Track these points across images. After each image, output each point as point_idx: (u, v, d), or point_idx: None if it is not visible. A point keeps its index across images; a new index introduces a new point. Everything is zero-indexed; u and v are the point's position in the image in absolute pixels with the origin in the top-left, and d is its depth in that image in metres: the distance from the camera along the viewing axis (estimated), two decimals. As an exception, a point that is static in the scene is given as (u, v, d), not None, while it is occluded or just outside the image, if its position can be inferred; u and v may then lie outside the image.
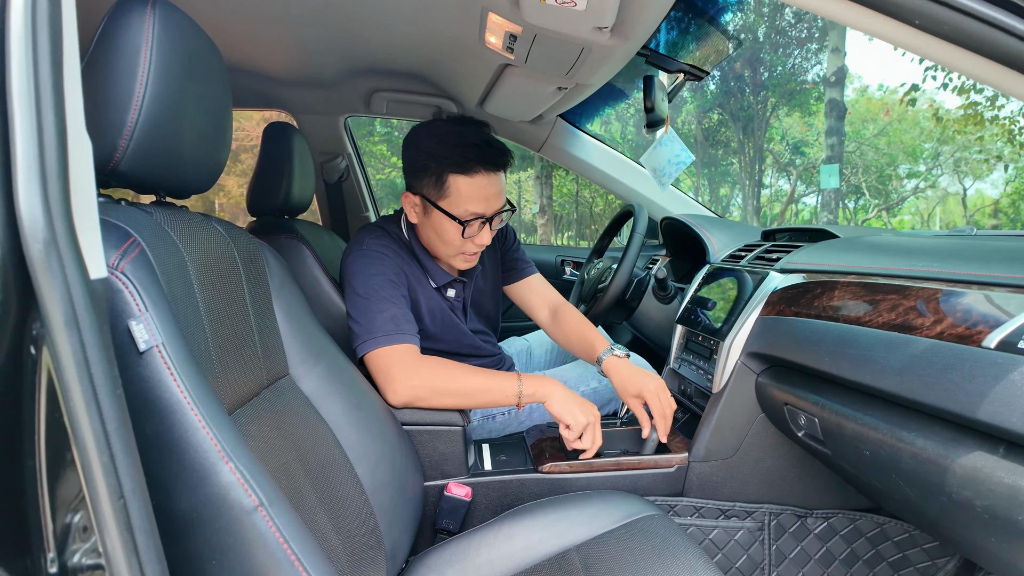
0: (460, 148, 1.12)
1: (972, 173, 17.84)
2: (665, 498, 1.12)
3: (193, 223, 0.76)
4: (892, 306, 0.81)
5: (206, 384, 0.57)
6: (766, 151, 15.83)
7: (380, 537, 0.92)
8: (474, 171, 1.13)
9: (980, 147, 14.80)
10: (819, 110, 13.93)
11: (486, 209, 1.16)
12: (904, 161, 17.34)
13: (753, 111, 14.16)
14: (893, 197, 17.59)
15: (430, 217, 1.19)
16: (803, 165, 16.99)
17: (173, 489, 0.53)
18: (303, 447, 0.85)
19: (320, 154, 1.99)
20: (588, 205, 16.12)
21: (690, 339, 1.29)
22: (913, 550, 1.11)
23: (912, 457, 0.73)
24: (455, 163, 1.12)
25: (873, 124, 17.40)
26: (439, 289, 1.30)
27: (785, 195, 18.04)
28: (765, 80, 13.93)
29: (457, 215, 1.15)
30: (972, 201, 18.91)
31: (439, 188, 1.14)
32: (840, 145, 9.85)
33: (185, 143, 0.72)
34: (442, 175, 1.13)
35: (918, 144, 17.00)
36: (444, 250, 1.22)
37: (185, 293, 0.66)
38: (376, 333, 1.11)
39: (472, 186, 1.13)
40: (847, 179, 16.42)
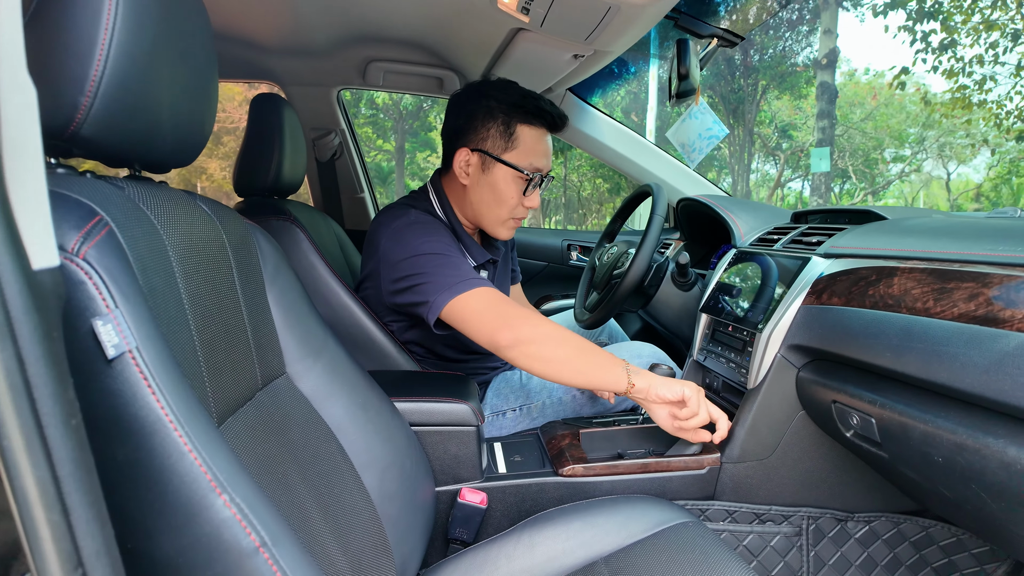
0: (529, 99, 1.12)
1: (956, 157, 17.97)
2: (696, 502, 1.04)
3: (174, 200, 0.65)
4: (970, 295, 0.72)
5: (192, 395, 0.47)
6: (755, 135, 15.77)
7: (390, 552, 0.82)
8: (538, 124, 1.13)
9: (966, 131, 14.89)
10: (809, 93, 13.88)
11: (544, 166, 1.15)
12: (890, 145, 17.41)
13: (744, 94, 14.07)
14: (879, 181, 17.67)
15: (489, 174, 1.14)
16: (791, 149, 16.98)
17: (154, 530, 0.43)
18: (304, 456, 0.75)
19: (311, 130, 1.86)
20: (576, 189, 16.00)
21: (717, 329, 1.20)
22: (960, 555, 1.04)
23: (1002, 467, 0.64)
24: (527, 112, 1.11)
25: (860, 108, 17.40)
26: (475, 269, 1.23)
27: (771, 180, 18.05)
28: (756, 63, 13.83)
29: (523, 165, 1.13)
30: (955, 185, 19.07)
31: (507, 138, 1.12)
32: (831, 128, 9.82)
33: (163, 106, 0.60)
34: (511, 124, 1.11)
35: (904, 129, 17.06)
36: (496, 213, 1.17)
37: (165, 283, 0.55)
38: (466, 276, 1.01)
39: (536, 139, 1.13)
40: (834, 163, 16.44)
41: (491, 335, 0.96)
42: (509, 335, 0.94)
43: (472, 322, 0.98)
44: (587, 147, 1.78)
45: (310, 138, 1.87)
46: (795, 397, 1.00)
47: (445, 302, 0.99)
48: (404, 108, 14.65)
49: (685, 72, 1.08)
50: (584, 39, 1.13)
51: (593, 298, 1.52)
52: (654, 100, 9.03)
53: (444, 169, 1.23)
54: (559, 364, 0.95)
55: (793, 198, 18.79)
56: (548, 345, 0.94)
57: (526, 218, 1.23)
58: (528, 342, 0.94)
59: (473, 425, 1.02)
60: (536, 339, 0.94)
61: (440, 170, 1.24)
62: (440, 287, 1.00)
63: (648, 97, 9.39)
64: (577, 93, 1.72)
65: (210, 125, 0.73)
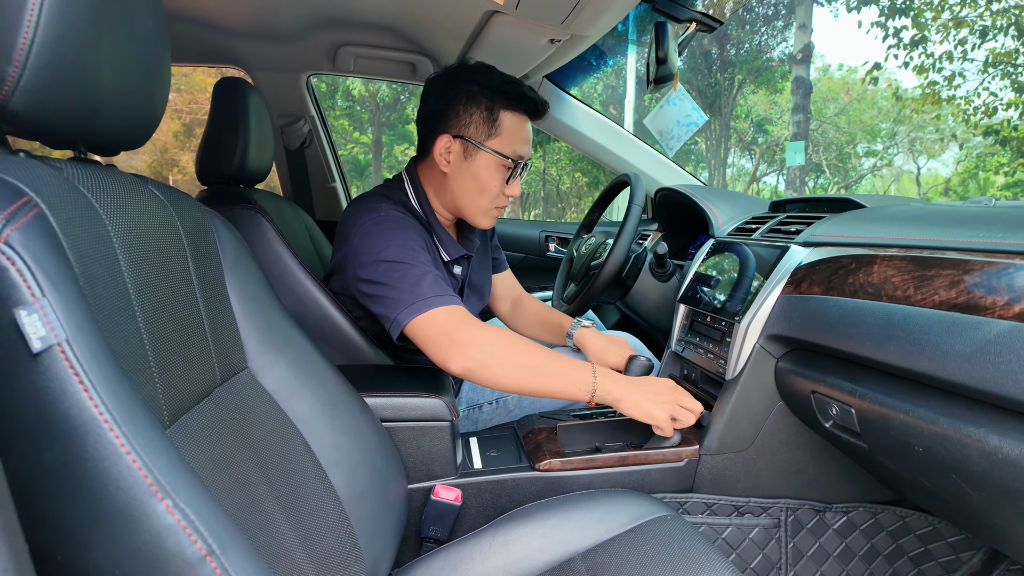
0: (512, 85, 1.08)
1: (926, 152, 18.37)
2: (674, 495, 1.02)
3: (121, 184, 0.60)
4: (950, 283, 0.71)
5: (132, 392, 0.43)
6: (731, 129, 15.92)
7: (360, 553, 0.79)
8: (520, 111, 1.10)
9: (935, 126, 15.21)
10: (784, 88, 14.04)
11: (527, 153, 1.12)
12: (863, 140, 17.72)
13: (720, 88, 14.18)
14: (852, 175, 17.98)
15: (471, 162, 1.10)
16: (766, 143, 17.18)
17: (87, 539, 0.39)
18: (266, 455, 0.71)
19: (280, 117, 1.80)
20: (555, 183, 16.00)
21: (695, 320, 1.19)
22: (936, 544, 1.04)
23: (983, 457, 0.63)
24: (509, 98, 1.08)
25: (834, 103, 17.67)
26: (448, 264, 1.19)
27: (747, 174, 18.25)
28: (733, 57, 13.94)
29: (507, 152, 1.09)
30: (925, 179, 19.49)
31: (490, 124, 1.08)
32: (806, 122, 9.94)
33: (107, 81, 0.56)
34: (494, 109, 1.08)
35: (876, 123, 17.37)
36: (479, 202, 1.13)
37: (107, 272, 0.51)
38: (426, 295, 0.98)
39: (518, 126, 1.10)
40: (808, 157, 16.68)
41: (444, 362, 0.96)
42: (460, 364, 0.94)
43: (427, 345, 0.97)
44: (564, 136, 1.75)
45: (278, 125, 1.81)
46: (774, 388, 0.99)
47: (405, 321, 0.97)
48: (381, 100, 14.47)
49: (663, 56, 1.06)
50: (560, 23, 1.10)
51: (571, 290, 1.49)
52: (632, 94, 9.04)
53: (420, 156, 1.18)
54: (515, 385, 0.96)
55: (768, 192, 19.02)
56: (501, 369, 0.94)
57: (506, 207, 1.19)
58: (481, 368, 0.94)
59: (447, 420, 0.99)
60: (490, 364, 0.94)
61: (416, 158, 1.19)
62: (400, 303, 0.98)
63: (626, 90, 9.40)
64: (554, 81, 1.69)
65: (162, 105, 0.69)
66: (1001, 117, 10.63)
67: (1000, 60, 10.34)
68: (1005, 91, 10.64)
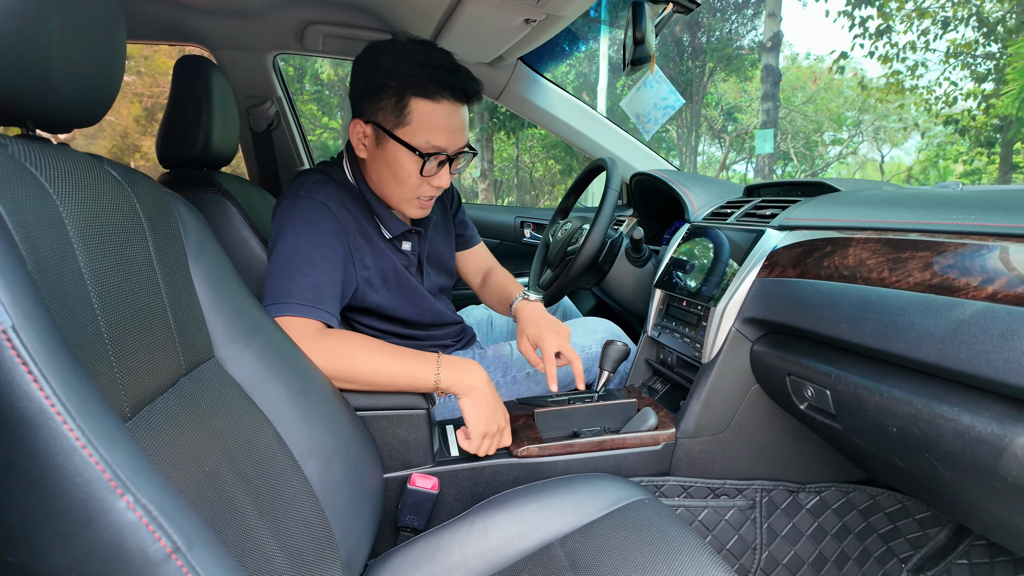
0: (428, 68, 0.97)
1: (890, 140, 18.81)
2: (651, 478, 1.03)
3: (74, 163, 0.57)
4: (925, 265, 0.71)
5: (87, 382, 0.40)
6: (701, 117, 16.05)
7: (335, 544, 0.77)
8: (440, 97, 0.98)
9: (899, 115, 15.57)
10: (754, 76, 14.19)
11: (449, 144, 1.02)
12: (829, 128, 18.06)
13: (691, 76, 14.26)
14: (819, 163, 18.32)
15: (383, 150, 1.02)
16: (736, 131, 17.38)
17: (40, 540, 0.36)
18: (235, 446, 0.68)
19: (245, 98, 1.74)
20: (528, 170, 15.95)
21: (671, 304, 1.19)
22: (904, 521, 1.07)
23: (956, 436, 0.64)
24: (420, 85, 0.97)
25: (802, 92, 17.95)
26: (393, 241, 1.14)
27: (717, 162, 18.46)
28: (704, 45, 14.02)
29: (417, 146, 1.00)
30: (888, 167, 19.99)
31: (398, 113, 0.99)
32: (775, 110, 10.07)
33: (56, 54, 0.52)
34: (403, 97, 0.98)
35: (842, 112, 17.71)
36: (397, 191, 1.06)
37: (59, 256, 0.48)
38: (289, 298, 0.94)
39: (436, 114, 0.99)
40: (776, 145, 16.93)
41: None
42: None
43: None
44: (538, 120, 1.73)
45: (244, 107, 1.75)
46: (749, 371, 0.99)
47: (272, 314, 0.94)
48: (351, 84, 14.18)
49: (640, 37, 1.04)
50: (536, 1, 1.07)
51: (547, 276, 1.48)
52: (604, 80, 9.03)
53: None
54: (365, 386, 0.95)
55: (737, 180, 19.29)
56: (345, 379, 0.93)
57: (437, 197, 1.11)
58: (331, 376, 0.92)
59: (423, 408, 0.97)
60: (335, 376, 0.92)
61: None
62: (270, 295, 0.95)
63: (599, 77, 9.38)
64: (529, 63, 1.67)
65: (117, 81, 0.65)
66: (961, 107, 10.94)
67: (960, 51, 10.62)
68: (965, 81, 10.94)
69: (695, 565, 0.73)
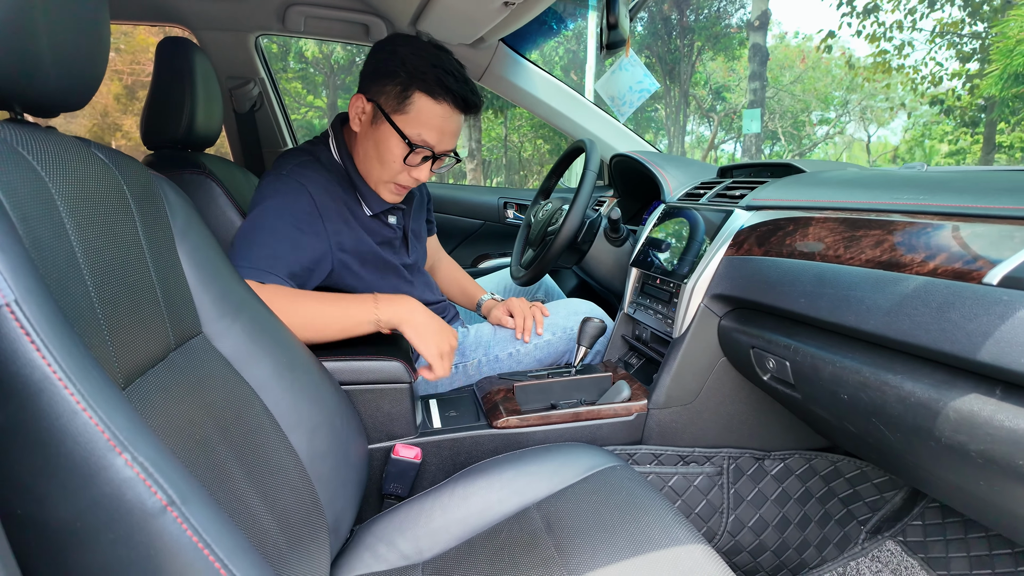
0: (439, 70, 1.05)
1: (876, 120, 18.91)
2: (624, 447, 1.08)
3: (63, 147, 0.59)
4: (876, 242, 0.76)
5: (85, 351, 0.44)
6: (690, 96, 16.01)
7: (321, 510, 0.81)
8: (442, 99, 1.06)
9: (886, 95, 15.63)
10: (742, 55, 14.15)
11: (437, 143, 1.09)
12: (817, 108, 18.10)
13: (679, 54, 14.20)
14: (806, 143, 18.39)
15: (377, 129, 1.08)
16: (724, 111, 17.37)
17: (46, 494, 0.40)
18: (224, 417, 0.72)
19: (228, 79, 1.74)
20: (517, 150, 15.88)
21: (646, 282, 1.23)
22: (863, 485, 1.13)
23: (899, 401, 0.69)
24: (427, 82, 1.04)
25: (790, 71, 17.94)
26: (379, 216, 1.19)
27: (705, 141, 18.47)
28: (692, 23, 13.94)
29: (408, 136, 1.06)
30: (875, 147, 20.11)
31: (400, 101, 1.05)
32: (762, 90, 10.07)
33: (43, 44, 0.54)
34: (409, 88, 1.05)
35: (829, 92, 17.74)
36: (378, 171, 1.12)
37: (53, 234, 0.51)
38: (246, 263, 0.99)
39: (434, 113, 1.06)
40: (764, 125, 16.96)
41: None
42: None
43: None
44: (520, 101, 1.75)
45: (226, 88, 1.75)
46: (717, 345, 1.04)
47: (245, 276, 0.97)
48: (336, 62, 13.99)
49: (614, 22, 1.07)
50: (514, -16, 1.09)
51: (528, 255, 1.52)
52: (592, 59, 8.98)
53: (348, 115, 1.18)
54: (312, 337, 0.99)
55: (726, 159, 19.31)
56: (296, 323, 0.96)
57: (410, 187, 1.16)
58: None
59: (406, 382, 1.01)
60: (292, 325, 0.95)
61: (344, 114, 1.19)
62: (235, 254, 1.00)
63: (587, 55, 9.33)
64: (512, 45, 1.68)
65: (102, 65, 0.67)
66: (946, 87, 11.01)
67: (947, 30, 10.65)
68: (950, 61, 11.01)
69: (660, 524, 0.79)
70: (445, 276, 1.55)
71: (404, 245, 1.26)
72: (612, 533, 0.78)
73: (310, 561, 0.76)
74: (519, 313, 1.31)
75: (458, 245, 2.10)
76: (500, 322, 1.32)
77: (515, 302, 1.33)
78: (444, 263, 1.57)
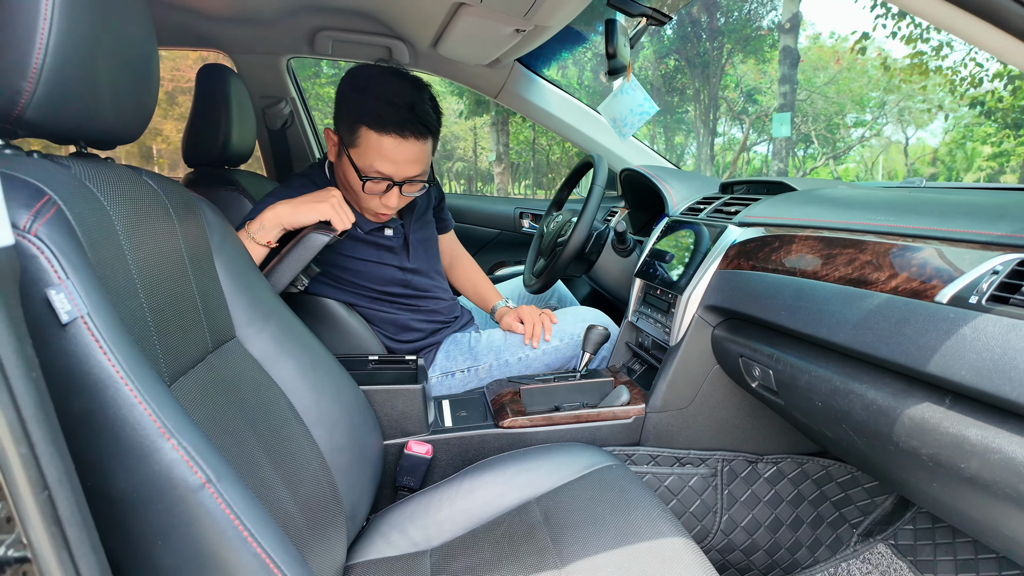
0: (380, 103, 1.08)
1: (915, 122, 18.42)
2: (623, 448, 1.14)
3: (119, 176, 0.69)
4: (849, 260, 0.82)
5: (140, 355, 0.53)
6: (720, 99, 15.86)
7: (339, 499, 0.90)
8: (385, 131, 1.08)
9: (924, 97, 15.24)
10: (773, 57, 13.97)
11: (393, 172, 1.13)
12: (852, 110, 17.72)
13: (709, 57, 14.10)
14: (840, 146, 18.03)
15: (341, 160, 1.17)
16: (756, 113, 17.15)
17: (110, 470, 0.49)
18: (254, 412, 0.81)
19: (261, 99, 1.86)
20: (545, 153, 15.94)
21: (648, 292, 1.30)
22: (855, 489, 1.17)
23: (863, 408, 0.75)
24: (369, 116, 1.08)
25: (824, 72, 17.61)
26: (372, 232, 1.27)
27: (737, 143, 18.26)
28: (722, 26, 13.83)
29: (361, 168, 1.12)
30: (913, 150, 19.59)
31: (350, 135, 1.12)
32: (792, 93, 9.95)
33: (104, 87, 0.64)
34: (355, 124, 1.10)
35: (865, 93, 17.36)
36: (354, 198, 1.21)
37: (114, 256, 0.61)
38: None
39: (380, 145, 1.09)
40: (797, 127, 16.70)
41: None
42: None
43: None
44: (535, 116, 1.83)
45: (260, 107, 1.88)
46: (711, 353, 1.10)
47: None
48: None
49: (612, 51, 1.14)
50: (523, 15, 1.17)
51: (540, 264, 1.59)
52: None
53: None
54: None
55: (759, 161, 19.06)
56: None
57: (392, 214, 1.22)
58: None
59: (417, 385, 1.10)
60: None
61: None
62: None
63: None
64: (527, 64, 1.77)
65: (153, 101, 0.77)
66: (987, 88, 10.70)
67: (987, 30, 10.33)
68: (991, 62, 10.69)
69: (647, 518, 0.85)
70: (460, 276, 1.62)
71: (405, 251, 1.34)
72: (602, 526, 0.85)
73: (328, 544, 0.84)
74: (529, 320, 1.39)
75: (475, 253, 2.19)
76: (511, 328, 1.40)
77: (525, 309, 1.41)
78: (461, 262, 1.63)
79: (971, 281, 0.64)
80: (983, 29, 0.55)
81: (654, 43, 14.87)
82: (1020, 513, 0.58)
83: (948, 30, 0.57)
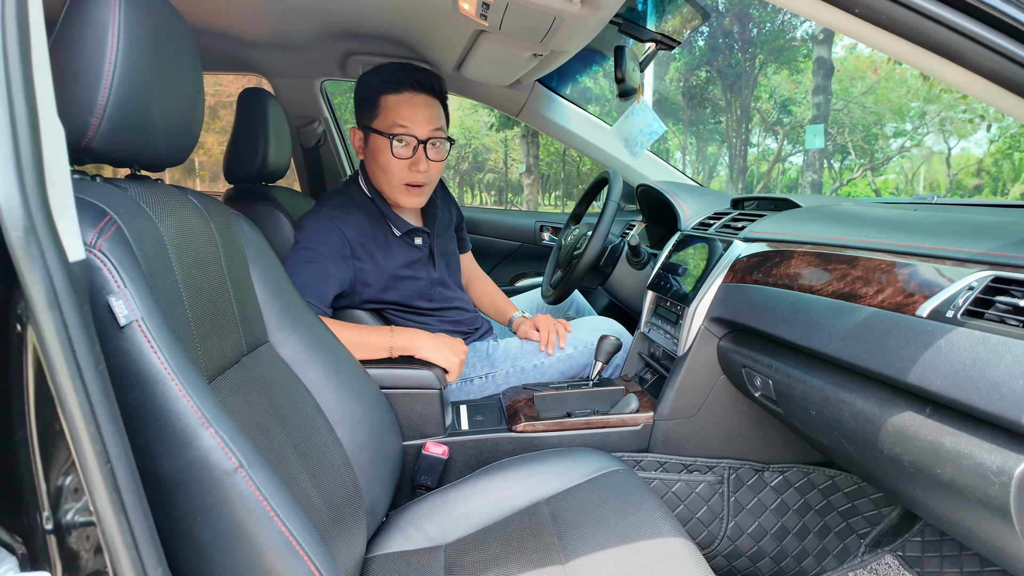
0: (390, 70, 1.25)
1: (957, 132, 17.88)
2: (632, 454, 1.19)
3: (168, 196, 0.78)
4: (842, 275, 0.85)
5: (185, 355, 0.61)
6: (753, 110, 15.72)
7: (360, 494, 0.97)
8: (400, 89, 1.24)
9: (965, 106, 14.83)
10: (807, 68, 13.80)
11: (413, 125, 1.25)
12: (891, 120, 17.32)
13: (741, 68, 14.01)
14: (879, 157, 17.62)
15: (369, 145, 1.28)
16: (790, 124, 16.91)
17: (157, 454, 0.57)
18: (283, 410, 0.89)
19: (296, 118, 1.98)
20: (575, 164, 16.00)
21: (659, 304, 1.34)
22: (861, 500, 1.19)
23: (852, 416, 0.78)
24: (385, 82, 1.24)
25: (861, 82, 17.28)
26: (404, 238, 1.35)
27: (772, 154, 18.02)
28: (754, 37, 13.73)
29: (384, 128, 1.24)
30: (956, 160, 19.01)
31: (372, 109, 1.25)
32: (826, 104, 9.83)
33: (157, 118, 0.73)
34: (375, 97, 1.25)
35: (905, 103, 16.95)
36: (386, 181, 1.29)
37: (163, 268, 0.69)
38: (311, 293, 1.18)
39: (398, 101, 1.24)
40: (833, 138, 16.40)
41: None
42: None
43: None
44: (555, 134, 1.90)
45: (295, 126, 1.99)
46: (716, 363, 1.14)
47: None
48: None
49: (621, 76, 1.20)
50: (539, 41, 1.24)
51: (557, 276, 1.65)
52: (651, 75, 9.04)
53: None
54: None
55: (795, 172, 18.74)
56: None
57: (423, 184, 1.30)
58: None
59: (436, 388, 1.17)
60: None
61: None
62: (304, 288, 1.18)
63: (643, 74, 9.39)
64: (547, 83, 1.84)
65: (198, 127, 0.85)
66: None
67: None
68: (1036, 70, 10.35)
69: (649, 520, 0.90)
70: (479, 291, 1.70)
71: (431, 261, 1.41)
72: (605, 526, 0.90)
73: (349, 536, 0.91)
74: (544, 328, 1.45)
75: (497, 265, 2.26)
76: (527, 336, 1.46)
77: (541, 318, 1.47)
78: (478, 280, 1.72)
79: (949, 296, 0.68)
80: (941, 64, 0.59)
81: (685, 55, 14.85)
82: (991, 517, 0.61)
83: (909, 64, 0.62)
